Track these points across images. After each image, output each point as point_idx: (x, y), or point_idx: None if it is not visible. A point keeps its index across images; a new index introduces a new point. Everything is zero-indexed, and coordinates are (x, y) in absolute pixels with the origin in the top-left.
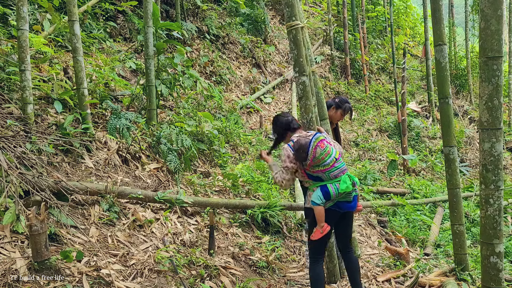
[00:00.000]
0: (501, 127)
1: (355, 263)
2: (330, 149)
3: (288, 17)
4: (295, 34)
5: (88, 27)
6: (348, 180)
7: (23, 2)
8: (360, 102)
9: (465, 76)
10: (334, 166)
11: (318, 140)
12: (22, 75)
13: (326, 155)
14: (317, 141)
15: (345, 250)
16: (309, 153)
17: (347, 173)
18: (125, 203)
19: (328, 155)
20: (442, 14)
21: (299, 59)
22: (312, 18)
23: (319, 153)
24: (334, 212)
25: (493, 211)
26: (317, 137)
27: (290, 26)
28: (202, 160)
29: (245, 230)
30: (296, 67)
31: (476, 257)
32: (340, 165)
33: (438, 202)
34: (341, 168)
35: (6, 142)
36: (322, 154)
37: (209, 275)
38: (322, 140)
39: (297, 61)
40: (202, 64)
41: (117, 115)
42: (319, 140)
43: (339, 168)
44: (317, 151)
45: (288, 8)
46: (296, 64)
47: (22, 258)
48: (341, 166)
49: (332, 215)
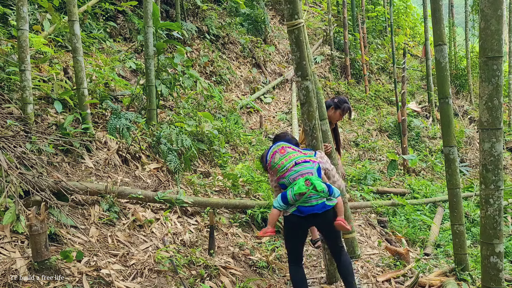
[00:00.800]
0: (501, 127)
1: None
2: (294, 155)
3: (289, 15)
4: (297, 34)
5: (88, 27)
6: (303, 182)
7: (23, 2)
8: (360, 102)
9: (465, 76)
10: (292, 169)
11: (278, 146)
12: (22, 75)
13: (287, 160)
14: (277, 147)
15: (334, 254)
16: (267, 159)
17: (310, 176)
18: (125, 203)
19: (288, 160)
20: (442, 14)
21: (302, 62)
22: (312, 18)
23: (277, 158)
24: (296, 217)
25: (493, 211)
26: (278, 144)
27: (292, 25)
28: (202, 160)
29: (245, 230)
30: (298, 70)
31: (476, 257)
32: (300, 169)
33: (438, 202)
34: (301, 171)
35: (6, 142)
36: (281, 159)
37: (209, 275)
38: (283, 147)
39: (299, 64)
40: (202, 64)
41: (117, 115)
42: (280, 147)
43: (298, 172)
44: (276, 157)
45: (290, 5)
46: (298, 68)
47: (22, 258)
48: (301, 170)
49: (295, 220)
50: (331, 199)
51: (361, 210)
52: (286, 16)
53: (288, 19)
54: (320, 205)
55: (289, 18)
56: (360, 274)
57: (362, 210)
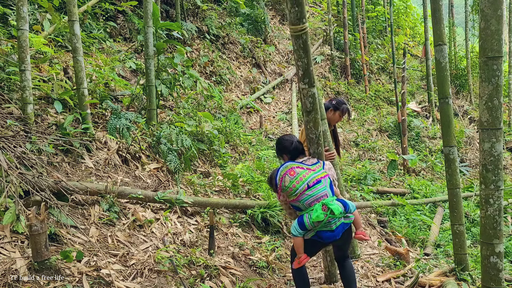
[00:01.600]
0: (501, 127)
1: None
2: (305, 176)
3: (297, 19)
4: (305, 39)
5: (88, 27)
6: (320, 208)
7: (23, 2)
8: (360, 102)
9: (465, 76)
10: (306, 194)
11: (287, 168)
12: (22, 75)
13: (298, 182)
14: (285, 169)
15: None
16: (277, 182)
17: (326, 200)
18: (125, 203)
19: (300, 182)
20: (442, 14)
21: (309, 69)
22: (312, 18)
23: (288, 181)
24: (315, 242)
25: (493, 211)
26: (286, 165)
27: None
28: (202, 160)
29: (245, 230)
30: (305, 77)
31: (476, 257)
32: (314, 193)
33: (438, 202)
34: (316, 195)
35: (6, 142)
36: (292, 182)
37: (209, 275)
38: (292, 168)
39: (306, 71)
40: (202, 64)
41: (117, 115)
42: (289, 168)
43: (312, 196)
44: (286, 179)
45: (297, 8)
46: (305, 74)
47: (22, 258)
48: (315, 194)
49: (314, 245)
50: (349, 217)
51: (361, 210)
52: (293, 20)
53: (295, 23)
54: (340, 228)
55: (297, 22)
56: (360, 274)
57: (362, 210)
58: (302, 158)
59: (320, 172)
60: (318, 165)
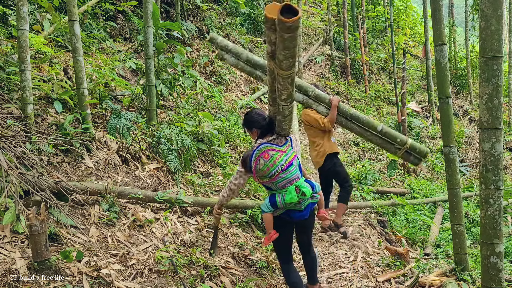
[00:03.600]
0: (501, 127)
1: (314, 260)
2: (278, 158)
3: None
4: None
5: (88, 27)
6: (294, 191)
7: (23, 2)
8: (360, 102)
9: (465, 76)
10: (280, 176)
11: (261, 151)
12: (22, 75)
13: (272, 165)
14: (259, 152)
15: (305, 252)
16: (251, 165)
17: (298, 182)
18: (125, 203)
19: (274, 165)
20: (442, 14)
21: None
22: (312, 18)
23: (262, 165)
24: (284, 220)
25: (493, 211)
26: (261, 148)
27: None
28: (202, 160)
29: (245, 230)
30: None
31: (476, 257)
32: (288, 176)
33: (438, 202)
34: (289, 178)
35: (6, 142)
36: (267, 165)
37: (209, 275)
38: (266, 151)
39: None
40: (202, 64)
41: (117, 115)
42: (262, 152)
43: (286, 179)
44: (260, 163)
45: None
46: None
47: (22, 258)
48: (289, 177)
49: (283, 223)
50: (315, 196)
51: (361, 210)
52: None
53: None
54: (307, 208)
55: (289, 69)
56: (360, 274)
57: (362, 210)
58: (271, 136)
59: (290, 153)
60: (287, 145)
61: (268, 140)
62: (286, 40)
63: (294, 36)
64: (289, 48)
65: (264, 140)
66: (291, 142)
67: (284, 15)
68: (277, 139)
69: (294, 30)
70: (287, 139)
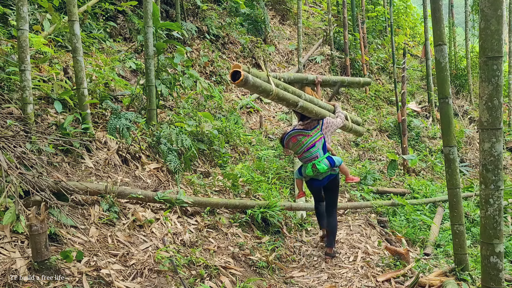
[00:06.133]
0: (501, 127)
1: (332, 225)
2: (303, 142)
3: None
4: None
5: (88, 27)
6: (310, 167)
7: (23, 2)
8: (360, 102)
9: (465, 76)
10: (303, 156)
11: (290, 136)
12: (22, 75)
13: (298, 146)
14: (289, 137)
15: (327, 212)
16: (284, 144)
17: (315, 161)
18: (125, 203)
19: (299, 146)
20: (442, 14)
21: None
22: (312, 18)
23: (291, 146)
24: (309, 185)
25: (493, 211)
26: (290, 134)
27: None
28: (202, 160)
29: (245, 230)
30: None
31: (476, 257)
32: (308, 155)
33: (438, 202)
34: (309, 157)
35: (6, 142)
36: (294, 146)
37: (209, 275)
38: (295, 136)
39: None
40: (202, 64)
41: (117, 115)
42: (291, 136)
43: (306, 158)
44: (290, 144)
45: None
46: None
47: (22, 258)
48: (308, 156)
49: (309, 186)
50: (334, 169)
51: (361, 210)
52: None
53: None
54: (326, 179)
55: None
56: (360, 274)
57: (362, 210)
58: (307, 120)
59: (315, 136)
60: (316, 128)
61: (301, 124)
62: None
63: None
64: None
65: (297, 126)
66: (321, 125)
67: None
68: (310, 123)
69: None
70: (319, 122)
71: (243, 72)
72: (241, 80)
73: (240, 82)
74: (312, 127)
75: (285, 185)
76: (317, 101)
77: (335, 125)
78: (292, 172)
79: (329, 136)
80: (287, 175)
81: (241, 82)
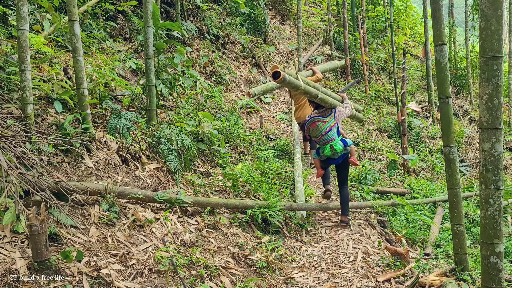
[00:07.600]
0: (501, 127)
1: (345, 196)
2: (321, 127)
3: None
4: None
5: (88, 27)
6: (329, 148)
7: (23, 2)
8: (360, 102)
9: (465, 76)
10: (322, 138)
11: (310, 122)
12: (22, 75)
13: (317, 131)
14: (309, 123)
15: (340, 186)
16: (305, 129)
17: (332, 142)
18: (125, 203)
19: (318, 131)
20: (442, 14)
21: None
22: (312, 18)
23: (311, 131)
24: (326, 162)
25: (493, 211)
26: (310, 120)
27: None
28: (202, 160)
29: (245, 230)
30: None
31: (476, 257)
32: (326, 138)
33: (438, 202)
34: (327, 140)
35: (6, 142)
36: (314, 131)
37: (209, 275)
38: (314, 122)
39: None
40: (202, 64)
41: (117, 115)
42: (311, 123)
43: (324, 140)
44: (310, 130)
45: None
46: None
47: (22, 258)
48: (326, 139)
49: (325, 163)
50: (346, 149)
51: (361, 210)
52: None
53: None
54: (340, 157)
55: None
56: (360, 274)
57: (362, 210)
58: (322, 109)
59: (331, 122)
60: (331, 116)
61: (317, 113)
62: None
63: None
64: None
65: (313, 114)
66: (334, 113)
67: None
68: (325, 111)
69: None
70: (332, 110)
71: (282, 72)
72: (280, 79)
73: (280, 80)
74: (327, 115)
75: (285, 185)
76: (330, 93)
77: (345, 113)
78: (292, 172)
79: (339, 122)
80: (287, 175)
81: (280, 80)
